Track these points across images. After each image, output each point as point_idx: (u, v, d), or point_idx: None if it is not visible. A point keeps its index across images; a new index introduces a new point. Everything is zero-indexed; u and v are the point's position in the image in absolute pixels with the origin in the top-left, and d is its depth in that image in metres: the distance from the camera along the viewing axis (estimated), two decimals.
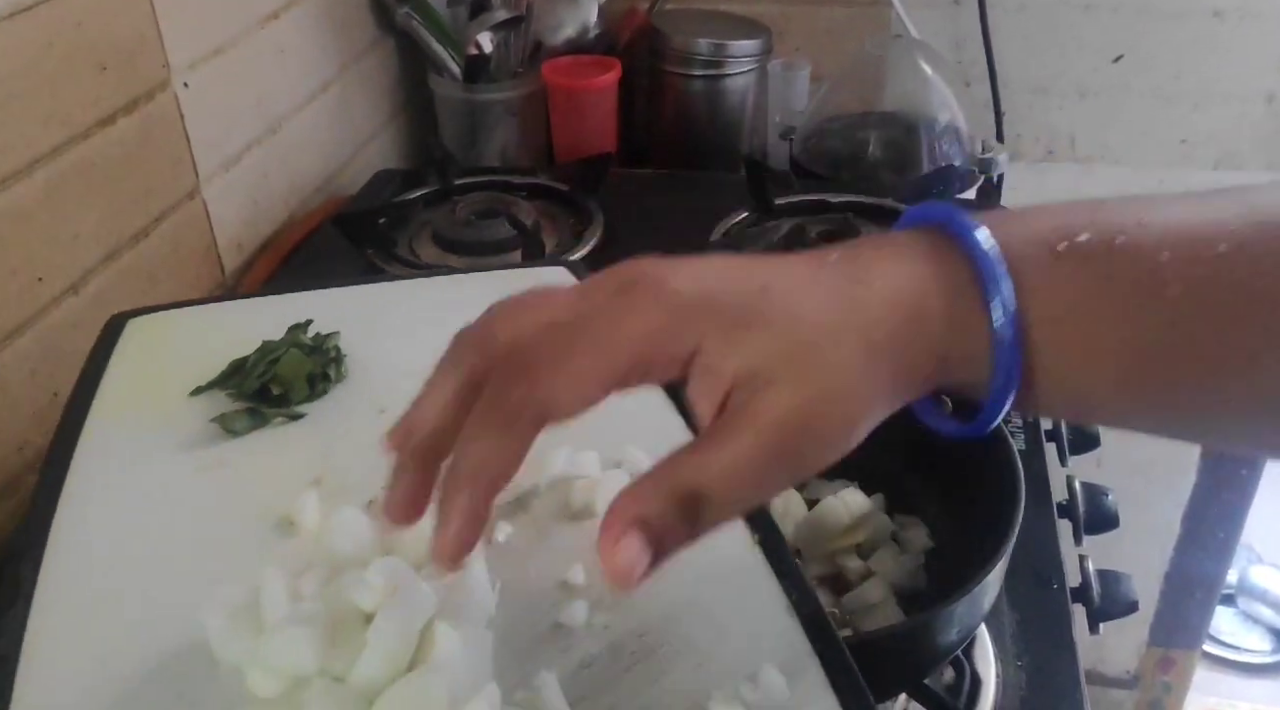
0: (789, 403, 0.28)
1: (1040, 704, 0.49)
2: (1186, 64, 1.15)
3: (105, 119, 0.70)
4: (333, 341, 0.47)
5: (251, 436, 0.43)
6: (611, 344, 0.28)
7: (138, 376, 0.47)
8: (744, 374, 0.29)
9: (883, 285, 0.30)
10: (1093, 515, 0.64)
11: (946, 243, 0.31)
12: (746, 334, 0.29)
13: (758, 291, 0.30)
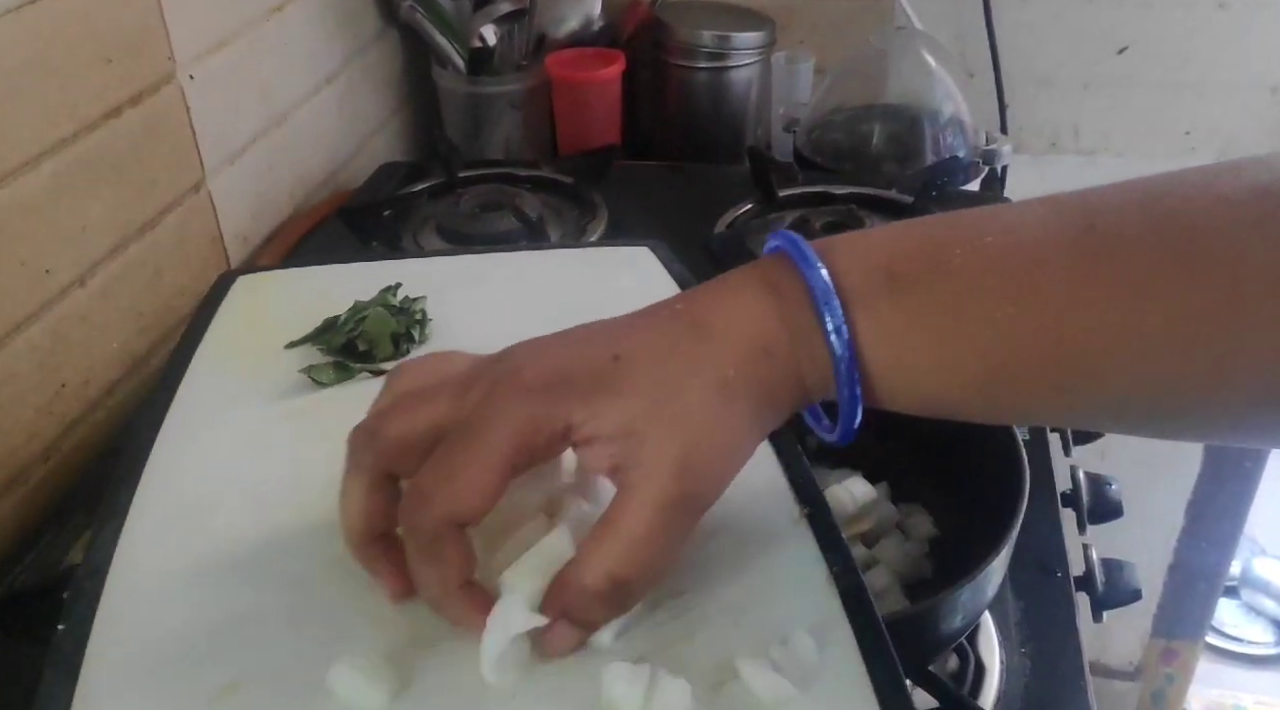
0: (665, 454, 0.31)
1: (1044, 691, 0.50)
2: (1191, 55, 1.15)
3: (111, 111, 0.70)
4: (419, 305, 0.50)
5: (337, 388, 0.46)
6: (491, 448, 0.32)
7: (239, 330, 0.51)
8: (619, 436, 0.32)
9: (725, 328, 0.33)
10: (1096, 505, 0.64)
11: (787, 277, 0.34)
12: (607, 401, 0.32)
13: (609, 361, 0.33)
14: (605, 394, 0.32)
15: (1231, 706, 1.77)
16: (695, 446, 0.32)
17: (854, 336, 0.33)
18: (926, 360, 0.33)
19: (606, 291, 0.52)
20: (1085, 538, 0.63)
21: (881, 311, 0.33)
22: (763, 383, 0.33)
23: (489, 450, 0.32)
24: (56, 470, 0.67)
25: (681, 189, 1.02)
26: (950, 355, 0.33)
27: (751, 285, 0.34)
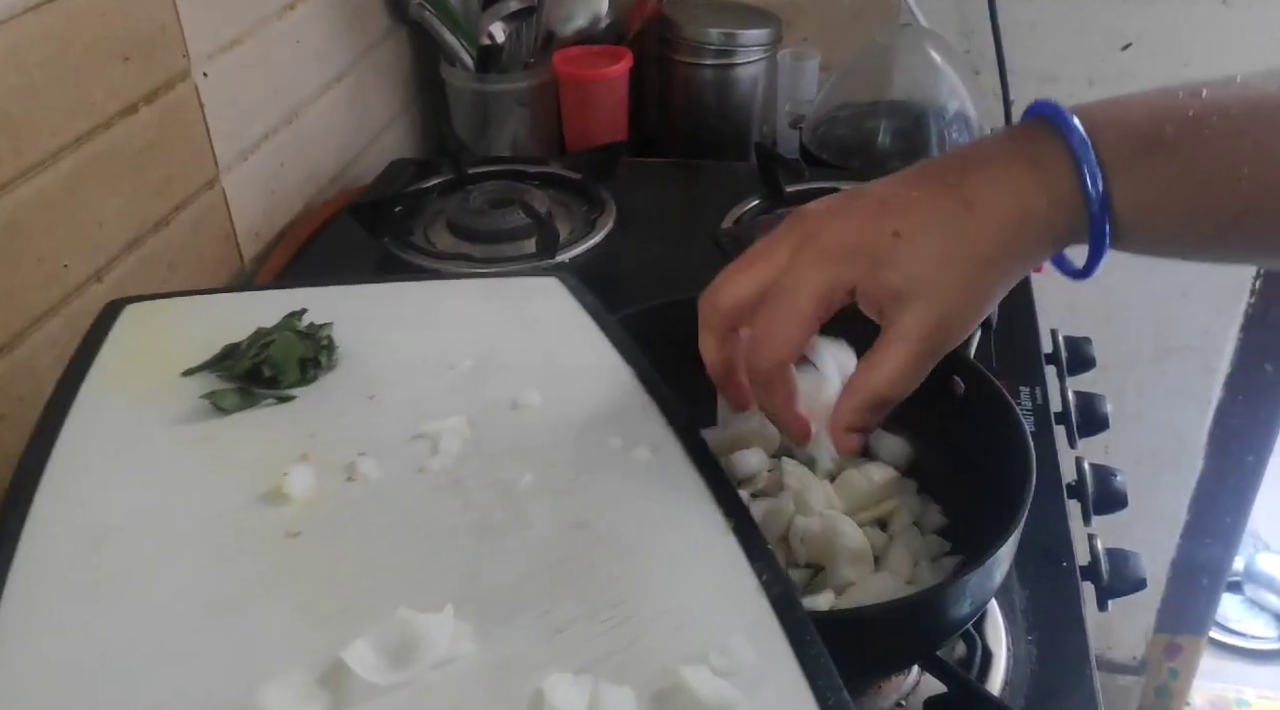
0: (924, 319, 0.39)
1: (1050, 678, 0.50)
2: (1195, 51, 1.15)
3: (128, 108, 0.71)
4: (326, 330, 0.49)
5: (241, 415, 0.44)
6: (798, 308, 0.41)
7: (131, 358, 0.48)
8: (889, 298, 0.40)
9: (992, 205, 0.39)
10: (1101, 496, 0.65)
11: (1049, 144, 0.39)
12: (885, 272, 0.39)
13: (890, 238, 0.40)
14: (884, 267, 0.39)
15: (1235, 701, 1.77)
16: (945, 316, 0.40)
17: (1109, 197, 0.38)
18: (1173, 216, 0.39)
19: (517, 323, 0.51)
20: (1090, 528, 0.64)
21: (1137, 177, 0.38)
22: (1018, 251, 0.40)
23: (797, 308, 0.40)
24: None
25: (688, 185, 1.03)
26: (1194, 212, 0.39)
27: (1014, 158, 0.40)
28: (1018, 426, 0.49)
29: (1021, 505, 0.45)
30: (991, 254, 0.39)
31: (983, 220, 0.39)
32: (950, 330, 0.40)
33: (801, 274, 0.40)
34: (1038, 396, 0.69)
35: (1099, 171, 0.38)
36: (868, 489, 0.53)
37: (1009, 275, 0.40)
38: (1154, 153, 0.38)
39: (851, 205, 0.41)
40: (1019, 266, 0.40)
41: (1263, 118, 0.38)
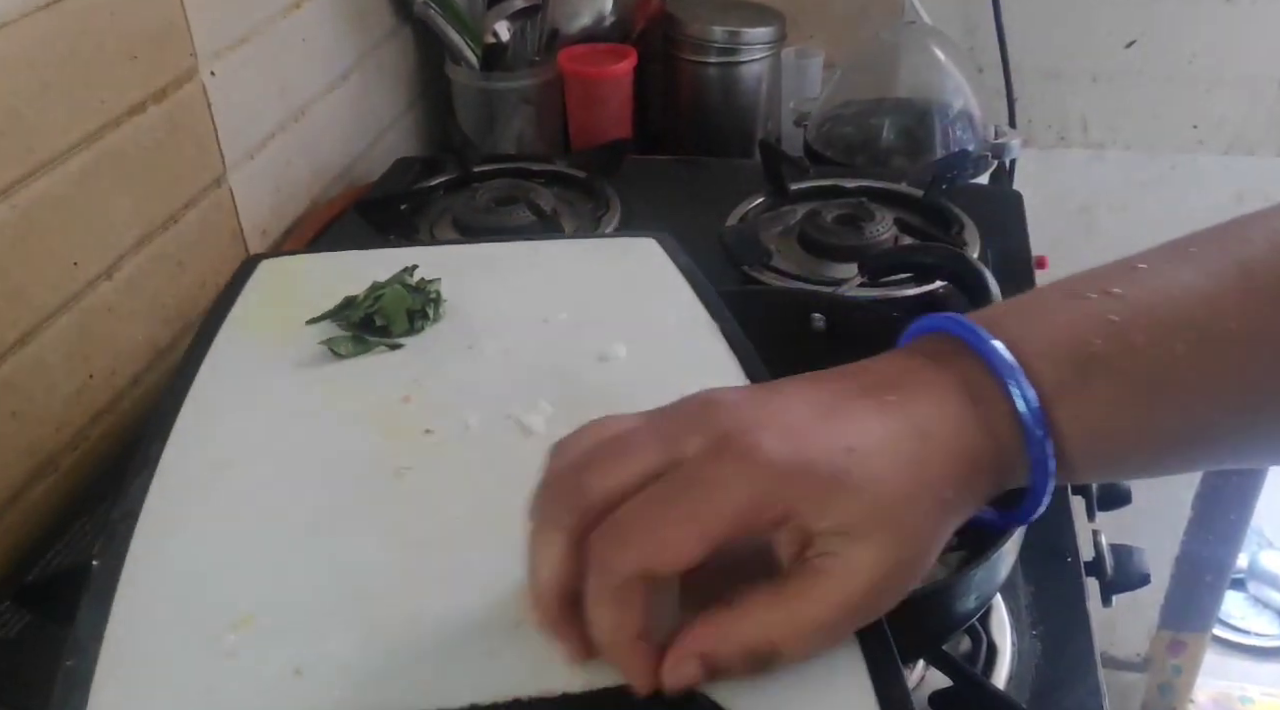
0: (877, 559, 0.31)
1: (1055, 672, 0.51)
2: (1199, 48, 1.16)
3: (136, 107, 0.71)
4: (434, 285, 0.53)
5: (355, 360, 0.49)
6: (708, 517, 0.30)
7: (262, 308, 0.54)
8: (831, 532, 0.31)
9: (944, 439, 0.33)
10: (1105, 491, 0.65)
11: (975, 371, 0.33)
12: (837, 501, 0.31)
13: (843, 453, 0.31)
14: (838, 490, 0.31)
15: (1238, 698, 1.78)
16: (898, 562, 0.31)
17: (1054, 433, 0.33)
18: (1123, 442, 0.34)
19: (613, 281, 0.55)
20: (1094, 525, 0.64)
21: (1078, 408, 0.33)
22: (970, 498, 0.33)
23: (708, 516, 0.30)
24: (85, 458, 0.68)
25: (693, 182, 1.03)
26: (1147, 434, 0.34)
27: (949, 388, 0.33)
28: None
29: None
30: (951, 497, 0.32)
31: (941, 457, 0.32)
32: (897, 582, 0.32)
33: (729, 474, 0.31)
34: None
35: (1039, 410, 0.32)
36: None
37: (954, 525, 0.33)
38: (1088, 375, 0.33)
39: (788, 406, 0.33)
40: (963, 516, 0.34)
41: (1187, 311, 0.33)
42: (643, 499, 0.31)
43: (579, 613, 0.32)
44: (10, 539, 0.62)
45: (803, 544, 0.31)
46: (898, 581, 0.32)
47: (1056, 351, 0.33)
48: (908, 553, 0.32)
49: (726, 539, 0.30)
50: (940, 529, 0.33)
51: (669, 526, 0.30)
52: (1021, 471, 0.34)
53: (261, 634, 0.34)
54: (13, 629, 0.54)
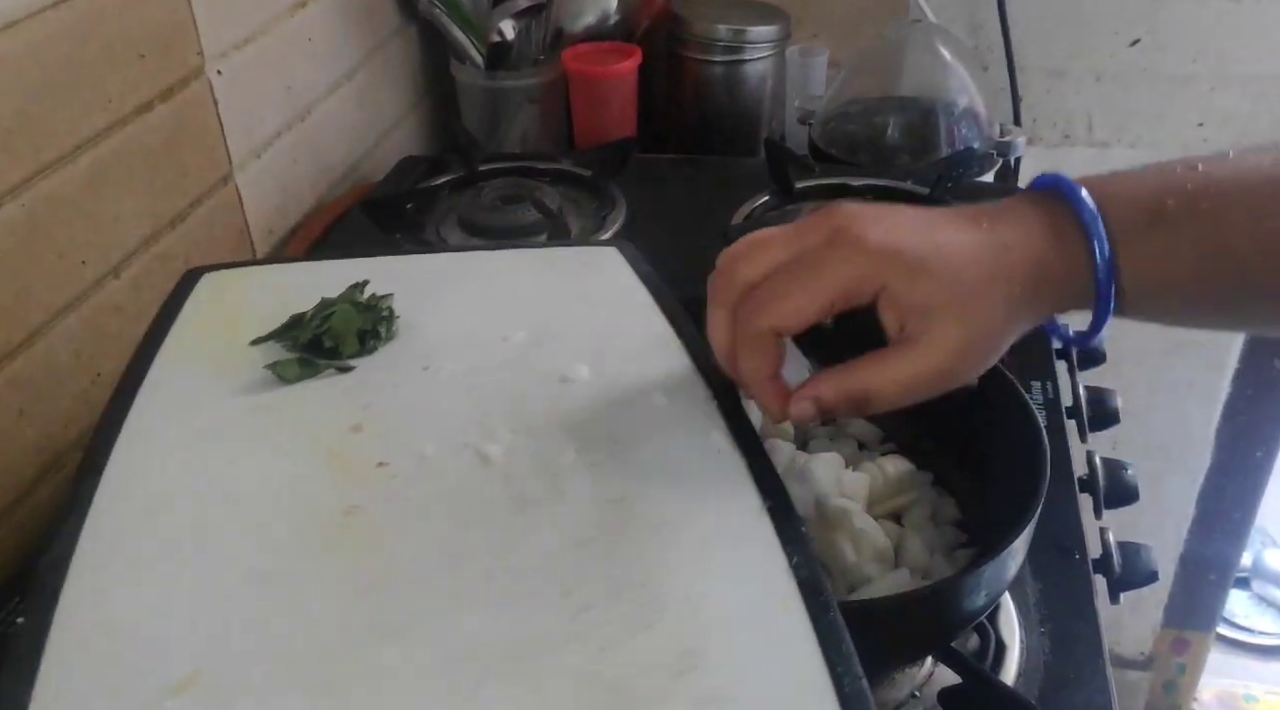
0: (955, 335, 0.39)
1: (1063, 668, 0.51)
2: (1204, 46, 1.16)
3: (144, 106, 0.72)
4: (386, 302, 0.50)
5: (303, 385, 0.46)
6: (820, 285, 0.39)
7: (204, 326, 0.50)
8: (918, 309, 0.39)
9: (1022, 252, 0.40)
10: (1113, 489, 0.65)
11: (1064, 213, 0.40)
12: (920, 280, 0.39)
13: (932, 248, 0.39)
14: (921, 274, 0.39)
15: (1242, 696, 1.77)
16: (970, 343, 0.39)
17: (1116, 267, 0.40)
18: (1175, 287, 0.41)
19: (574, 294, 0.52)
20: (1102, 522, 0.64)
21: (1143, 250, 0.40)
22: (1037, 304, 0.41)
23: (819, 285, 0.39)
24: None
25: (698, 181, 1.03)
26: (1196, 283, 0.40)
27: (1037, 222, 0.41)
28: (1032, 419, 0.49)
29: (1036, 497, 0.45)
30: (1021, 296, 0.40)
31: (1013, 261, 0.40)
32: (968, 358, 0.40)
33: (834, 257, 0.39)
34: (1049, 391, 0.69)
35: (1107, 245, 0.40)
36: (883, 482, 0.54)
37: (1025, 324, 0.41)
38: (1156, 226, 0.40)
39: (894, 210, 0.42)
40: (1033, 319, 0.41)
41: (1255, 191, 0.40)
42: (773, 277, 0.40)
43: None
44: (19, 536, 0.62)
45: (900, 323, 0.39)
46: (970, 358, 0.40)
47: (1134, 204, 0.40)
48: (978, 333, 0.39)
49: (835, 305, 0.39)
50: (1009, 322, 0.40)
51: (792, 294, 0.39)
52: (1087, 295, 0.41)
53: (205, 697, 0.32)
54: None
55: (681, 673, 0.32)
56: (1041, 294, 0.40)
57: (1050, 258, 0.40)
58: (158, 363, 0.47)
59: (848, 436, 0.59)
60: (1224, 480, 1.44)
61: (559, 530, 0.37)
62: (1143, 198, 0.40)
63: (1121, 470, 0.66)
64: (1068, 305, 0.42)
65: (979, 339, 0.40)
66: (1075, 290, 0.41)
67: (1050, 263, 0.40)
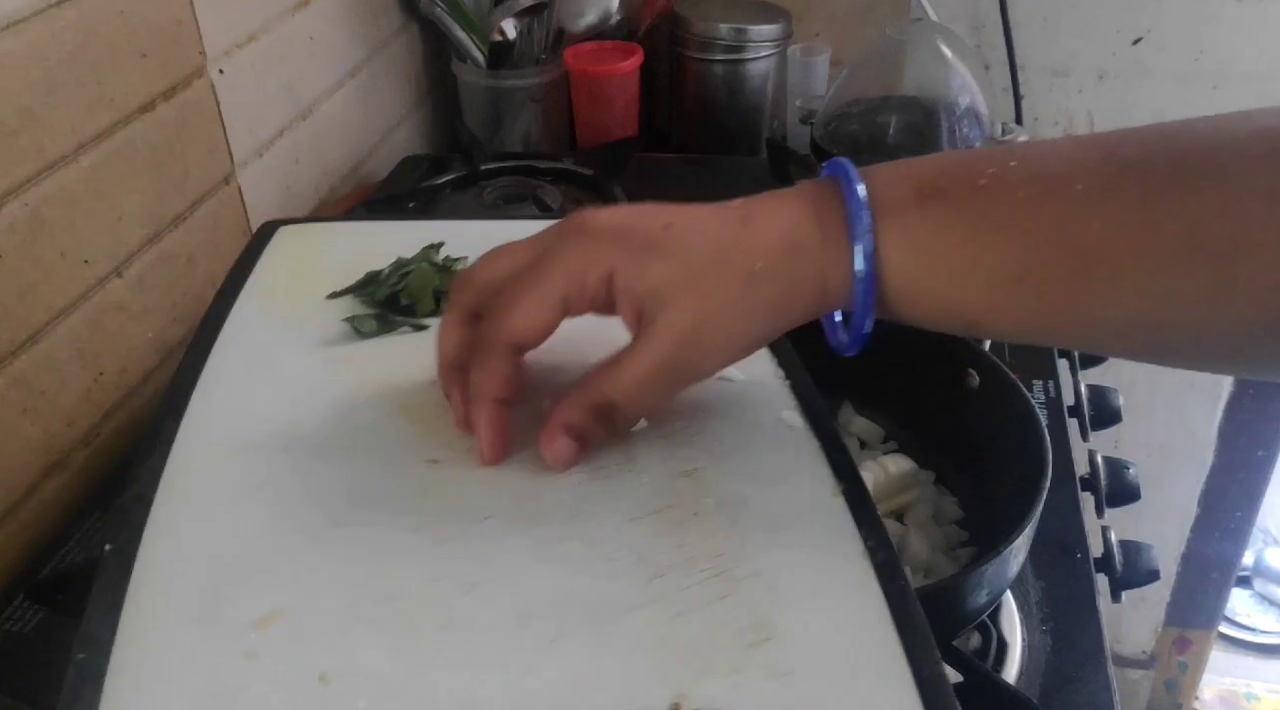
0: (680, 321, 0.36)
1: (1065, 666, 0.51)
2: (1206, 46, 1.15)
3: (146, 105, 0.72)
4: (461, 264, 0.50)
5: (378, 340, 0.47)
6: (548, 281, 0.37)
7: (281, 278, 0.51)
8: (649, 293, 0.36)
9: (767, 225, 0.37)
10: (1115, 488, 0.65)
11: (830, 189, 0.37)
12: (649, 261, 0.36)
13: (662, 228, 0.37)
14: (650, 255, 0.37)
15: (1244, 695, 1.77)
16: (704, 324, 0.36)
17: (879, 245, 0.36)
18: (948, 268, 0.36)
19: None
20: (1104, 521, 0.64)
21: (908, 221, 0.36)
22: (786, 279, 0.37)
23: (548, 283, 0.37)
24: (96, 456, 0.69)
25: (700, 180, 1.04)
26: (972, 263, 0.36)
27: (798, 194, 0.38)
28: (1033, 418, 0.49)
29: (1038, 495, 0.45)
30: (761, 269, 0.36)
31: (756, 235, 0.37)
32: (703, 342, 0.37)
33: (561, 252, 0.37)
34: (1051, 389, 0.69)
35: (867, 213, 0.36)
36: (885, 481, 0.54)
37: (777, 302, 0.37)
38: (926, 199, 0.36)
39: (634, 205, 0.39)
40: (789, 297, 0.37)
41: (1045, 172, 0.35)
42: (505, 289, 0.38)
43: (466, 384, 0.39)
44: (24, 535, 0.62)
45: (635, 312, 0.37)
46: (703, 344, 0.37)
47: (907, 182, 0.37)
48: (712, 312, 0.36)
49: (568, 302, 0.37)
50: (747, 298, 0.37)
51: (520, 301, 0.37)
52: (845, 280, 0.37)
53: (286, 634, 0.32)
54: (28, 624, 0.54)
55: (756, 644, 0.32)
56: (793, 265, 0.37)
57: (801, 231, 0.37)
58: (235, 312, 0.48)
59: (850, 435, 0.59)
60: (1226, 479, 1.44)
61: (633, 497, 0.38)
62: (917, 175, 0.37)
63: (1123, 469, 0.66)
64: (830, 295, 0.37)
65: (712, 320, 0.37)
66: (836, 272, 0.37)
67: (805, 234, 0.37)
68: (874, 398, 0.60)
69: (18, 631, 0.54)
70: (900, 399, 0.59)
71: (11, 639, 0.53)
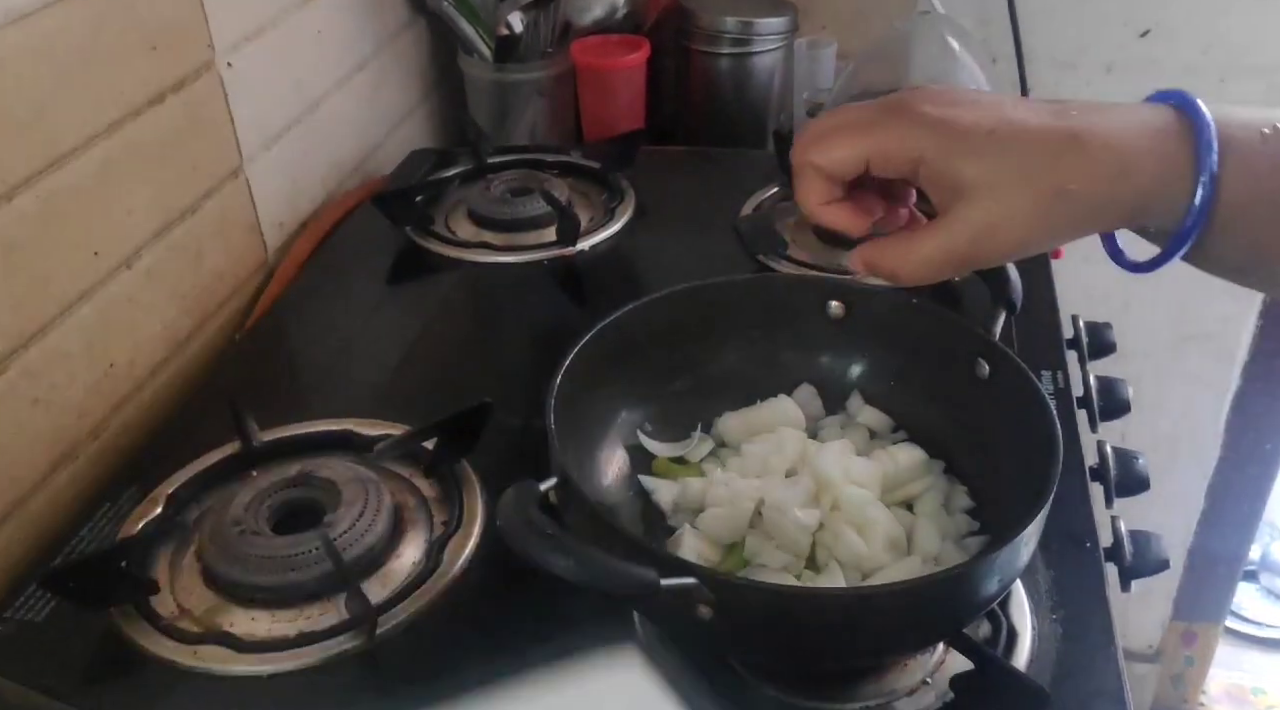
0: (977, 218, 0.40)
1: (1075, 655, 0.51)
2: (1214, 38, 1.15)
3: (155, 98, 0.72)
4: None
5: None
6: (861, 139, 0.42)
7: None
8: (954, 186, 0.40)
9: (1098, 149, 0.39)
10: (1124, 478, 0.65)
11: (1172, 118, 0.39)
12: (963, 157, 0.40)
13: (985, 133, 0.39)
14: (964, 151, 0.40)
15: (1251, 689, 1.77)
16: (1000, 225, 0.40)
17: (1220, 176, 0.38)
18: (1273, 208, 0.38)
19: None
20: (1113, 511, 0.64)
21: (1251, 157, 0.38)
22: (1100, 200, 0.39)
23: (860, 138, 0.42)
24: (106, 447, 0.69)
25: (706, 173, 1.04)
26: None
27: (1139, 119, 0.39)
28: (1043, 406, 0.49)
29: (1049, 484, 0.45)
30: (1075, 190, 0.39)
31: (1081, 155, 0.39)
32: (995, 242, 0.40)
33: (885, 124, 0.41)
34: (1059, 380, 0.69)
35: (1215, 140, 0.38)
36: (895, 471, 0.54)
37: (1083, 219, 0.40)
38: (1268, 140, 0.38)
39: (976, 92, 0.43)
40: (1096, 215, 0.40)
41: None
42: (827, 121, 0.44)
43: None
44: (35, 525, 0.63)
45: (940, 197, 0.41)
46: (999, 241, 0.40)
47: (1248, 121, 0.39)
48: (1011, 217, 0.39)
49: (871, 160, 0.42)
50: (1053, 212, 0.39)
51: (834, 139, 0.43)
52: (1173, 209, 0.38)
53: None
54: (40, 612, 0.54)
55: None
56: (1112, 192, 0.39)
57: (1140, 152, 0.38)
58: None
59: (858, 425, 0.59)
60: (1234, 472, 1.44)
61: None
62: (1258, 116, 0.39)
63: (1132, 460, 0.66)
64: (1142, 213, 0.40)
65: (1009, 224, 0.40)
66: (1161, 198, 0.39)
67: (1138, 158, 0.38)
68: (883, 388, 0.60)
69: (30, 620, 0.54)
70: (910, 389, 0.59)
71: (24, 627, 0.54)
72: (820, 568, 0.51)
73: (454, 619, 0.54)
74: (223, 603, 0.55)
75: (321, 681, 0.51)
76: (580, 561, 0.39)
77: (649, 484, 0.57)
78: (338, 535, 0.56)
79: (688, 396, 0.60)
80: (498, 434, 0.63)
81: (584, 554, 0.39)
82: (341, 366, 0.75)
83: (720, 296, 0.60)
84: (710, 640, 0.46)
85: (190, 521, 0.61)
